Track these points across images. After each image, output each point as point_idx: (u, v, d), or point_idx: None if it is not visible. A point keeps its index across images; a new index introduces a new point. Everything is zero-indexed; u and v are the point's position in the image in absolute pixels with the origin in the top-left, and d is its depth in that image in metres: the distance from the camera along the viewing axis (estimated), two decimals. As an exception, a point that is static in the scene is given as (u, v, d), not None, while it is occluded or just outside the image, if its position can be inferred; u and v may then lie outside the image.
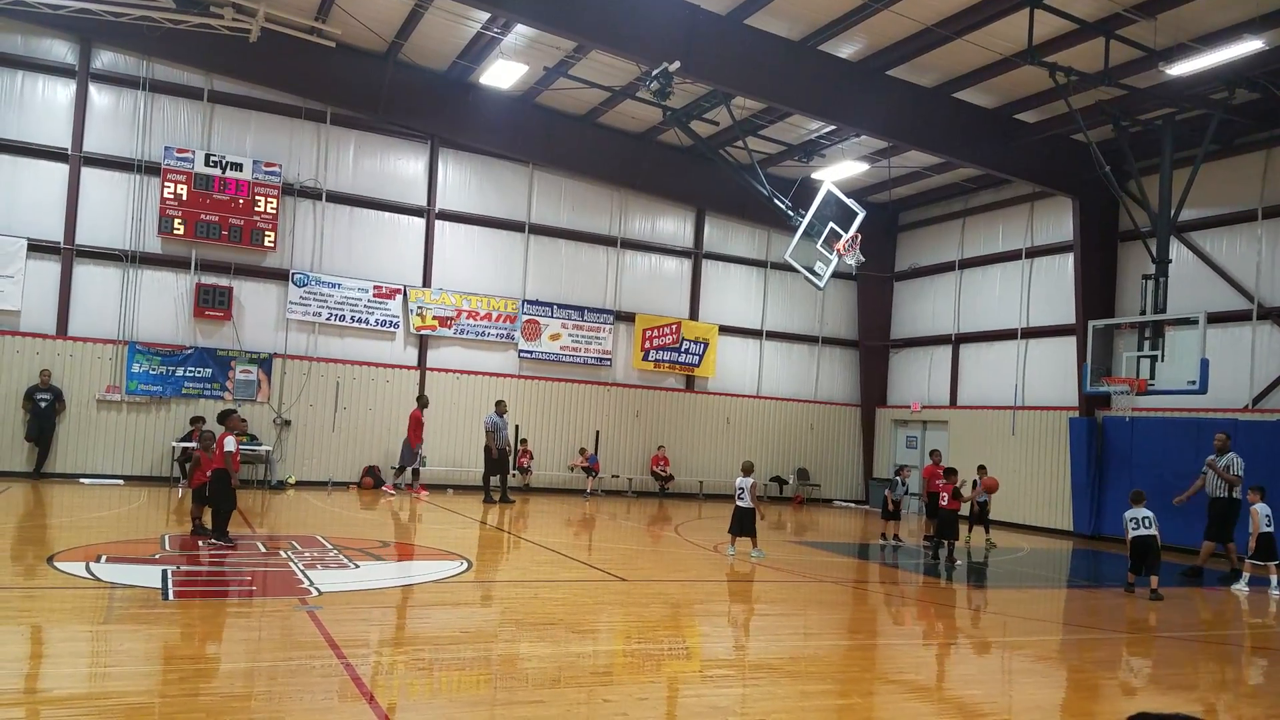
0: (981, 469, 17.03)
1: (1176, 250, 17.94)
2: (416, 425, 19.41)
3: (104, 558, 9.63)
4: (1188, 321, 15.37)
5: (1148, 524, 12.03)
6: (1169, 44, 14.67)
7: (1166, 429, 18.38)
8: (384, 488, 19.73)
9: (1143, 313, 16.27)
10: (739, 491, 13.19)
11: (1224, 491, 14.03)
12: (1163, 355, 15.51)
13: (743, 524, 13.02)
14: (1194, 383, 14.70)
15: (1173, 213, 16.56)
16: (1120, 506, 18.86)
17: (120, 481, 18.04)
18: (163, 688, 5.57)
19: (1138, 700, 6.96)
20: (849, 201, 17.90)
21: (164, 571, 9.00)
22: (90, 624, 7.18)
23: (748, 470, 13.37)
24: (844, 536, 17.99)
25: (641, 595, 9.82)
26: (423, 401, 19.76)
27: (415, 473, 19.72)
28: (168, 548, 10.62)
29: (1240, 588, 12.99)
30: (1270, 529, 12.65)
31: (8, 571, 9.05)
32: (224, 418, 11.80)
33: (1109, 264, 19.94)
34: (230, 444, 11.05)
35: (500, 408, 19.10)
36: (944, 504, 13.85)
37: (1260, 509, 12.67)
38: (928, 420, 24.58)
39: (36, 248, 18.03)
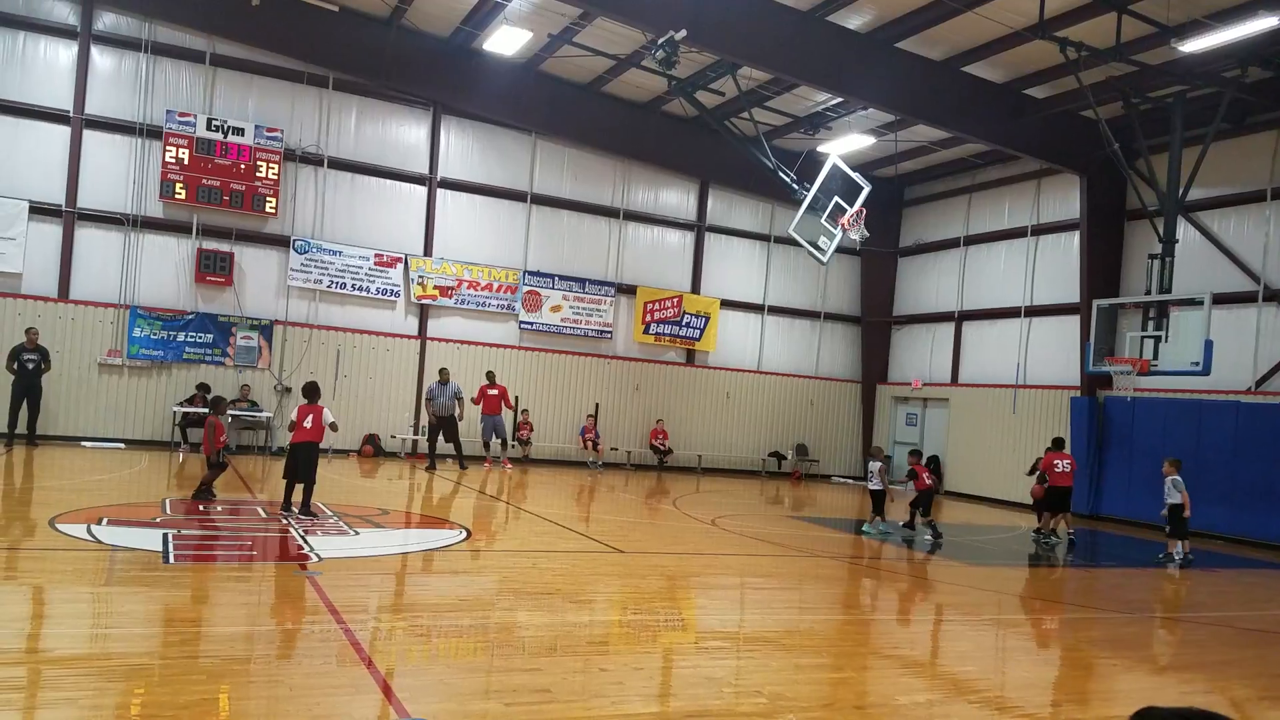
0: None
1: (1184, 230, 17.83)
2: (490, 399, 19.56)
3: (105, 520, 9.67)
4: (1193, 302, 15.31)
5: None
6: (1182, 20, 14.50)
7: (1168, 410, 18.37)
8: (503, 464, 19.91)
9: (1148, 292, 16.18)
10: (870, 475, 14.16)
11: None
12: (1166, 336, 15.45)
13: (876, 503, 13.93)
14: (1197, 364, 14.66)
15: (1181, 192, 16.43)
16: (1121, 486, 19.04)
17: (121, 445, 18.08)
18: (163, 649, 5.60)
19: (1132, 679, 7.00)
20: (854, 175, 17.79)
21: (165, 535, 9.03)
22: (91, 586, 7.21)
23: (876, 454, 14.42)
24: (841, 512, 18.04)
25: (639, 567, 9.86)
26: (490, 376, 19.87)
27: (503, 444, 19.93)
28: (169, 511, 10.66)
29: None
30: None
31: (10, 533, 9.09)
32: (216, 405, 12.22)
33: (1115, 243, 19.85)
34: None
35: (443, 375, 18.72)
36: (921, 485, 14.08)
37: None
38: (928, 398, 24.58)
39: (38, 210, 17.96)
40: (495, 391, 19.54)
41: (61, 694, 4.70)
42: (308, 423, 11.13)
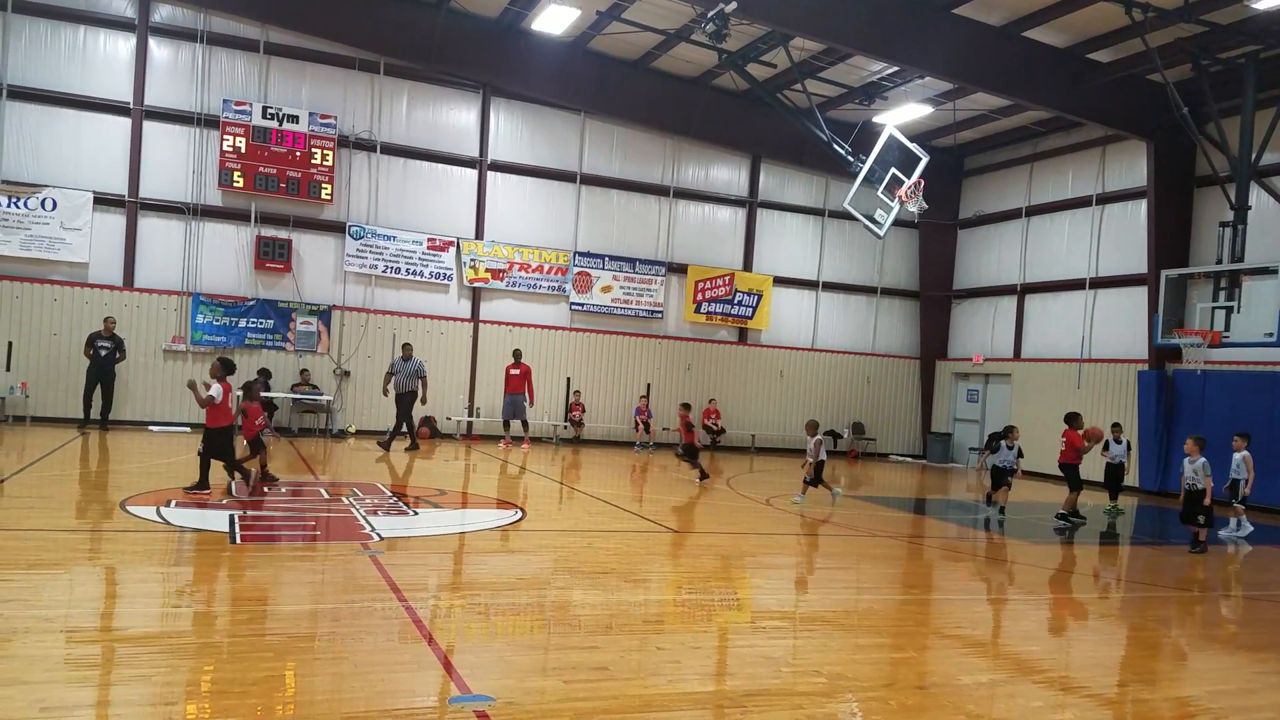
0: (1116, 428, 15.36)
1: (1256, 196, 17.18)
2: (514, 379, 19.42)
3: (173, 502, 9.91)
4: (1266, 271, 14.79)
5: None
6: (1254, -23, 13.94)
7: (1240, 383, 17.79)
8: (523, 444, 19.69)
9: (1219, 261, 15.68)
10: (809, 449, 13.98)
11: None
12: (1239, 306, 14.97)
13: (817, 474, 13.88)
14: (1271, 335, 14.21)
15: (1253, 157, 15.86)
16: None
17: (187, 429, 18.52)
18: (232, 628, 5.71)
19: (1202, 659, 6.80)
20: (912, 146, 17.45)
21: (231, 516, 9.23)
22: (161, 566, 7.40)
23: (812, 430, 14.08)
24: (900, 491, 17.83)
25: (693, 546, 9.84)
26: (516, 355, 19.78)
27: (524, 424, 19.63)
28: (234, 493, 10.89)
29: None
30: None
31: (84, 515, 9.36)
32: (248, 390, 11.79)
33: (1184, 211, 19.22)
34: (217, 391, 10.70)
35: (405, 351, 18.06)
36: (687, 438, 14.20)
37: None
38: (990, 373, 24.14)
39: (102, 201, 18.42)
40: (518, 371, 19.27)
41: (136, 671, 4.82)
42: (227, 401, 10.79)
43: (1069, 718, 5.17)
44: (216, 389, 10.59)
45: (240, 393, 11.77)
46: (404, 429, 17.82)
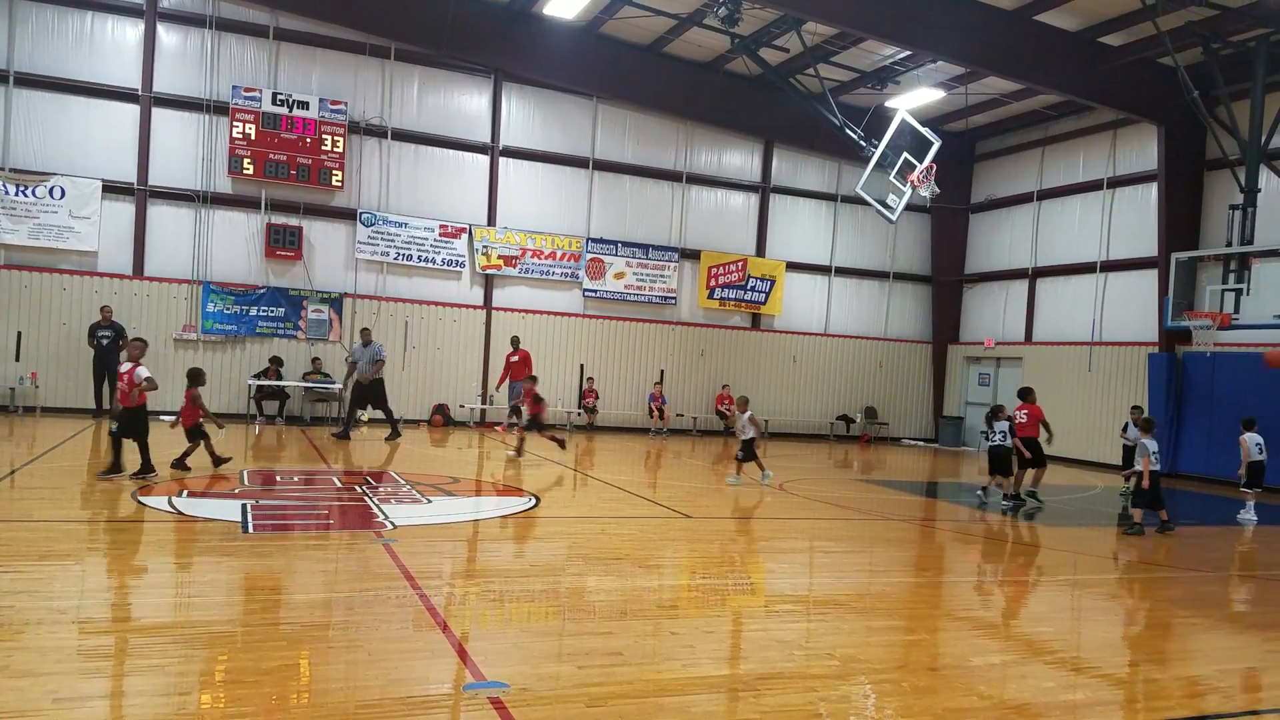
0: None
1: (1266, 179, 17.05)
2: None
3: (185, 492, 9.97)
4: (1275, 253, 14.72)
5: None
6: (1269, -43, 13.78)
7: (1250, 365, 17.67)
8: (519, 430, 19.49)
9: (1229, 244, 15.59)
10: (742, 427, 13.62)
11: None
12: (1249, 289, 14.91)
13: (745, 451, 13.52)
14: (1280, 317, 14.12)
15: (1264, 140, 15.74)
16: (1200, 443, 18.47)
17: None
18: (245, 617, 5.75)
19: (1212, 638, 6.79)
20: (924, 131, 17.38)
21: (243, 505, 9.28)
22: (174, 556, 7.45)
23: (742, 406, 13.87)
24: (911, 475, 17.81)
25: (706, 532, 9.86)
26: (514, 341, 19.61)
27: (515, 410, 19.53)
28: (246, 483, 10.95)
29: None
30: (1262, 458, 13.06)
31: (95, 505, 9.42)
32: (193, 377, 11.80)
33: (1194, 194, 19.08)
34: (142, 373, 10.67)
35: (364, 335, 17.64)
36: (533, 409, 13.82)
37: (1249, 438, 13.10)
38: (1001, 357, 24.06)
39: (111, 189, 18.46)
40: (517, 358, 19.01)
41: (149, 661, 4.85)
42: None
43: (1080, 698, 5.17)
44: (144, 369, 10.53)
45: (187, 381, 11.68)
46: (351, 416, 17.44)
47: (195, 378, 11.85)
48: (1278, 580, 9.60)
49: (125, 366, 10.73)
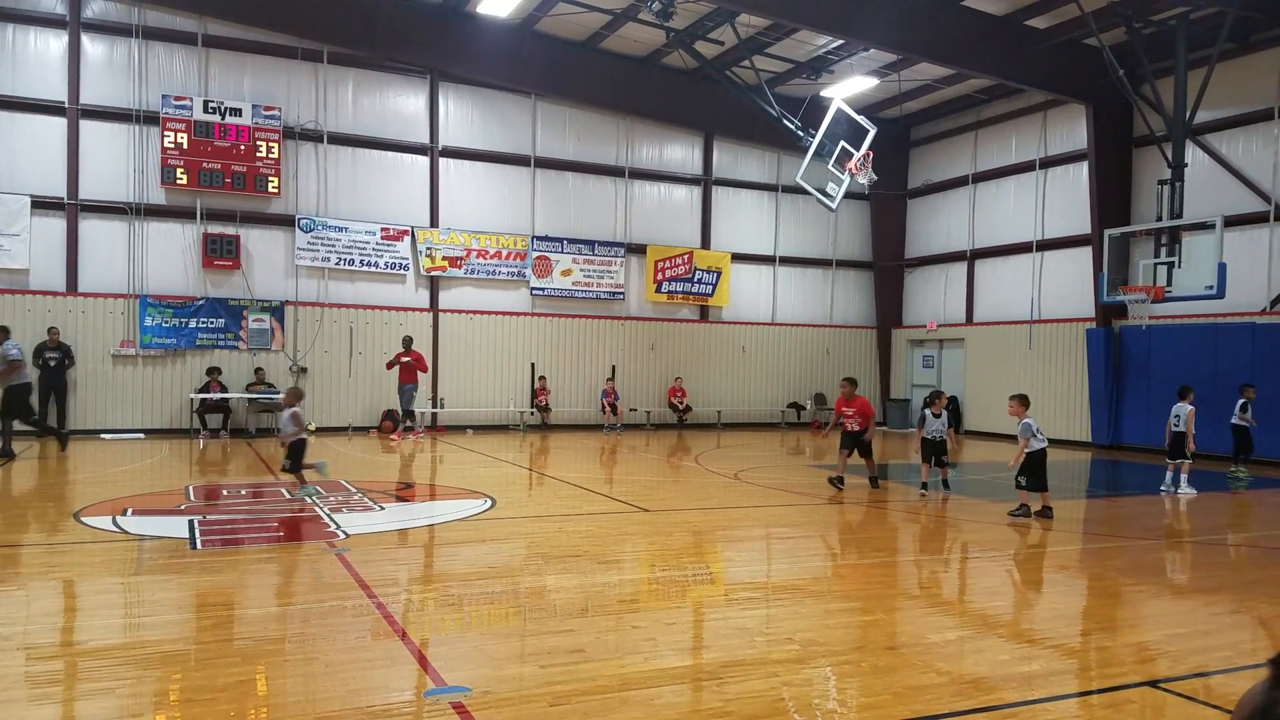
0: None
1: (1192, 154, 17.58)
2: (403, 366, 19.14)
3: (130, 510, 9.75)
4: (1204, 226, 15.13)
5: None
6: (1185, -62, 14.15)
7: (1184, 336, 18.24)
8: (414, 434, 19.50)
9: (1159, 219, 16.00)
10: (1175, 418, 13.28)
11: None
12: (1180, 261, 15.29)
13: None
14: (1212, 288, 14.53)
15: (1188, 115, 16.17)
16: (1140, 415, 18.96)
17: (141, 435, 18.21)
18: (197, 634, 5.64)
19: (1158, 604, 6.99)
20: (859, 119, 17.56)
21: (190, 521, 9.11)
22: (121, 576, 7.27)
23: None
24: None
25: (664, 524, 9.89)
26: (406, 342, 19.45)
27: (409, 414, 19.52)
28: (192, 498, 10.74)
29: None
30: (1182, 430, 13.05)
31: (36, 528, 9.17)
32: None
33: (1124, 171, 19.59)
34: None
35: (3, 334, 14.78)
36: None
37: (1181, 408, 13.20)
38: (944, 339, 24.46)
39: (40, 204, 17.95)
40: (409, 359, 19.03)
41: (99, 685, 4.74)
42: None
43: (1035, 669, 5.29)
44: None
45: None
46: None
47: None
48: (1217, 545, 9.91)
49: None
